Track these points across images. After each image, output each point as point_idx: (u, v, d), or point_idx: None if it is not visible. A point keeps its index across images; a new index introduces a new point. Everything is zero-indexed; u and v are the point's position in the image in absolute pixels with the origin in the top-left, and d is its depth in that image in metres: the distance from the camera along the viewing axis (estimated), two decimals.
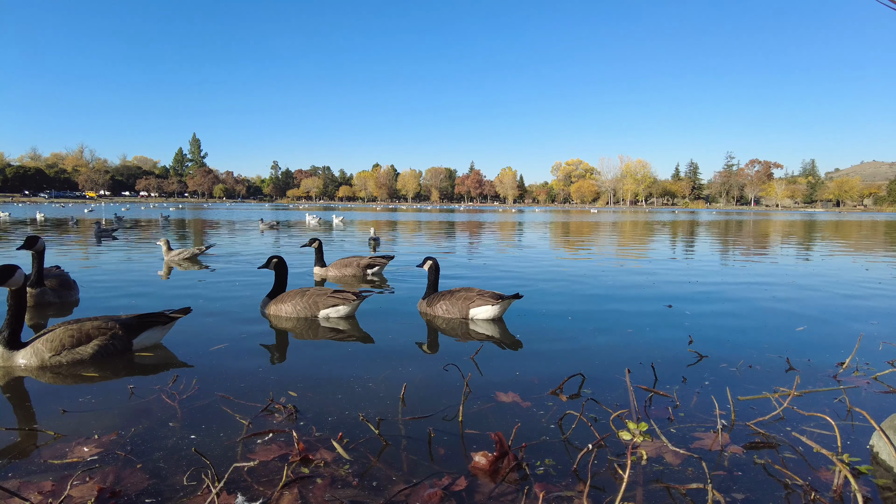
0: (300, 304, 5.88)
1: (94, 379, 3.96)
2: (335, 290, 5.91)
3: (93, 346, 4.29)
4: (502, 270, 10.60)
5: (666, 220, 45.67)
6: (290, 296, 5.98)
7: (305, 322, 5.73)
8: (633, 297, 7.66)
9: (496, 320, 5.86)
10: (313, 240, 9.61)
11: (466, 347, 4.92)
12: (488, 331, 5.52)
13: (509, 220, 41.02)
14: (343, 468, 2.65)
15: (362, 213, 62.71)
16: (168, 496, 2.40)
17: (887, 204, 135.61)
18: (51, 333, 4.23)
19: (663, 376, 4.07)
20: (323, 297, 5.85)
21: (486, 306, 5.77)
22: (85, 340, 4.27)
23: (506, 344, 5.05)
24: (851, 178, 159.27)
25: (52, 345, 4.16)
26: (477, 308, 5.81)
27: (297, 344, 5.04)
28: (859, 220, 52.20)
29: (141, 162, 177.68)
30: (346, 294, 5.82)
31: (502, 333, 5.43)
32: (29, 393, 3.70)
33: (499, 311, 5.81)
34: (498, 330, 5.57)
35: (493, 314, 5.81)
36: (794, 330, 5.73)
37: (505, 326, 5.71)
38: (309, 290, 5.97)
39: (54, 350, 4.15)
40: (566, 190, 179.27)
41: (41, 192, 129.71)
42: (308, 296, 5.90)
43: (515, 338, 5.26)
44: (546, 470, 2.66)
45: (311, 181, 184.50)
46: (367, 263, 9.32)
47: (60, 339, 4.20)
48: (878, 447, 2.86)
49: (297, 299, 5.91)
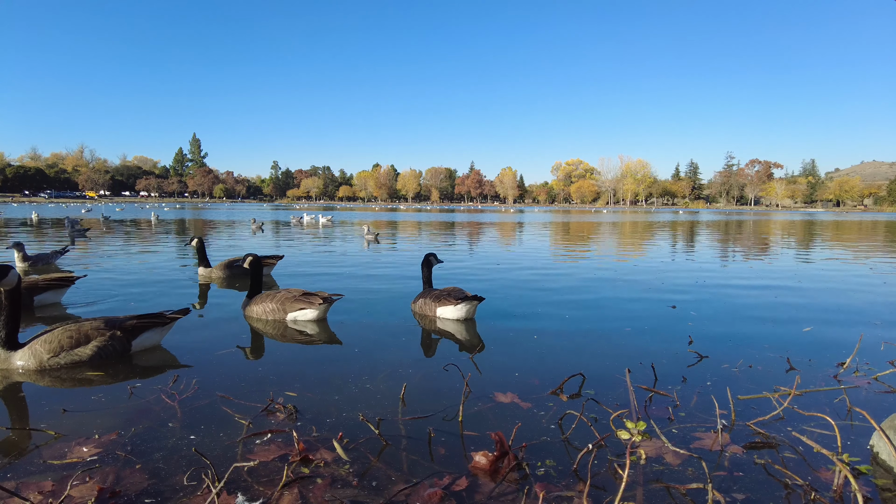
0: (269, 306, 5.87)
1: (95, 379, 3.96)
2: (305, 293, 5.85)
3: (91, 348, 4.26)
4: (502, 270, 10.60)
5: (668, 221, 45.66)
6: (263, 298, 5.96)
7: (275, 325, 5.69)
8: (634, 296, 7.65)
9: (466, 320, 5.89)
10: (194, 238, 9.17)
11: (466, 347, 4.92)
12: (488, 331, 5.52)
13: (509, 221, 41.02)
14: (343, 468, 2.65)
15: (362, 213, 62.72)
16: (168, 496, 2.40)
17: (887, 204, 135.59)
18: (49, 334, 4.20)
19: (663, 376, 4.06)
20: (291, 300, 5.80)
21: (450, 307, 5.87)
22: (84, 342, 4.25)
23: (505, 344, 5.05)
24: (851, 178, 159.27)
25: (50, 346, 4.13)
26: (442, 308, 5.92)
27: (297, 344, 5.04)
28: (860, 221, 52.20)
29: (141, 162, 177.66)
30: (313, 297, 5.76)
31: (502, 333, 5.43)
32: (29, 393, 3.70)
33: (463, 311, 5.86)
34: (498, 330, 5.57)
35: (458, 315, 5.89)
36: (794, 330, 5.72)
37: (506, 325, 5.71)
38: (280, 293, 5.93)
39: (53, 351, 4.13)
40: (566, 190, 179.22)
41: (41, 192, 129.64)
42: (278, 299, 5.87)
43: (515, 338, 5.26)
44: (546, 470, 2.66)
45: (311, 181, 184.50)
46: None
47: (59, 341, 4.17)
48: (878, 447, 2.86)
49: (268, 302, 5.89)
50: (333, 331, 5.48)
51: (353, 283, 8.74)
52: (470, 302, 5.79)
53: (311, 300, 5.74)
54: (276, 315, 5.83)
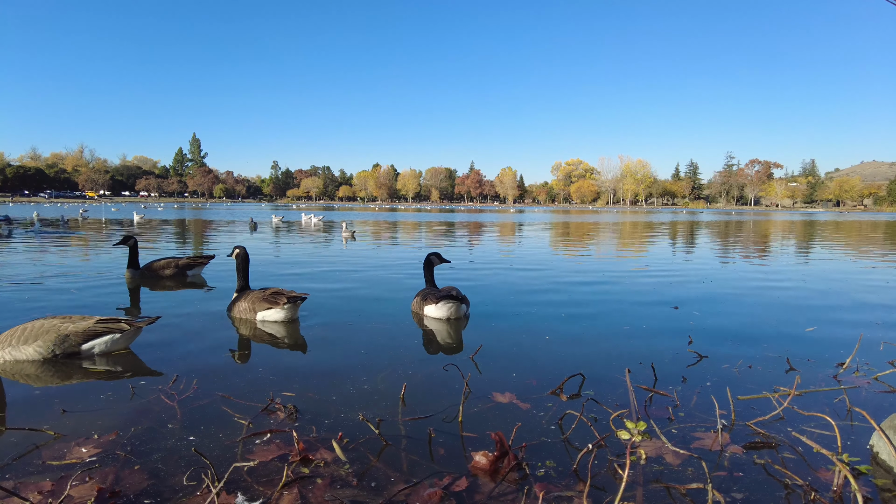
0: (243, 305, 5.86)
1: (94, 379, 3.96)
2: (272, 293, 5.79)
3: (34, 348, 4.18)
4: (502, 270, 10.60)
5: (668, 221, 45.66)
6: (243, 297, 5.95)
7: (248, 325, 5.66)
8: (633, 296, 7.65)
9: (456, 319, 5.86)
10: (128, 237, 8.83)
11: (466, 347, 4.92)
12: (488, 331, 5.52)
13: (510, 221, 41.01)
14: (343, 468, 2.65)
15: (361, 212, 62.70)
16: (168, 496, 2.40)
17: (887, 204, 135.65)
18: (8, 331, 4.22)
19: (663, 376, 4.06)
20: (259, 300, 5.77)
21: (432, 305, 5.86)
22: (32, 340, 4.19)
23: (505, 344, 5.05)
24: (851, 178, 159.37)
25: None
26: (428, 307, 5.92)
27: (297, 344, 5.03)
28: (860, 221, 52.21)
29: (141, 162, 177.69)
30: (279, 297, 5.69)
31: (502, 333, 5.43)
32: (28, 393, 3.70)
33: (444, 311, 5.81)
34: (498, 330, 5.57)
35: (440, 314, 5.85)
36: (794, 330, 5.72)
37: (505, 326, 5.71)
38: (254, 293, 5.90)
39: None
40: (566, 190, 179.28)
41: (41, 192, 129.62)
42: (250, 298, 5.85)
43: (515, 338, 5.25)
44: (546, 470, 2.66)
45: (311, 181, 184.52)
46: (186, 264, 8.88)
47: (9, 337, 4.17)
48: (878, 447, 2.86)
49: (243, 301, 5.89)
50: (327, 333, 5.48)
51: (352, 282, 8.74)
52: (452, 301, 5.73)
53: (278, 300, 5.69)
54: (247, 315, 5.82)
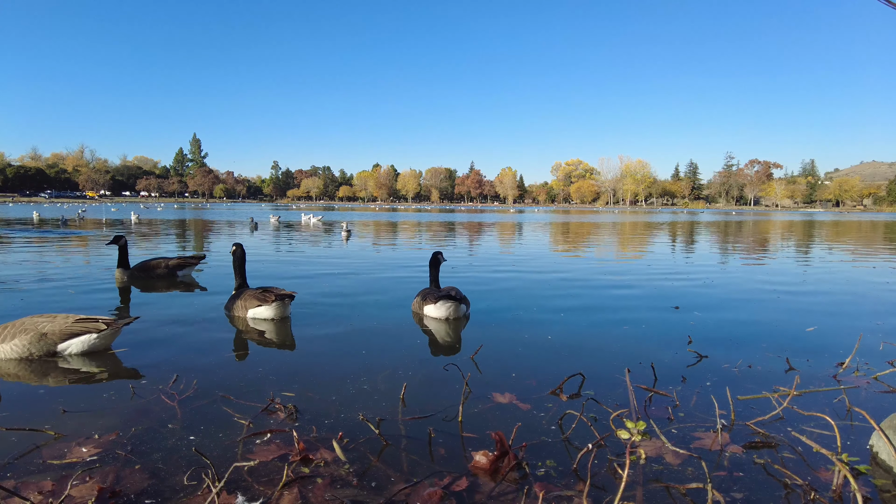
0: (238, 303, 5.87)
1: (94, 379, 3.96)
2: (263, 291, 5.76)
3: (12, 346, 4.22)
4: (502, 270, 10.60)
5: (669, 221, 45.66)
6: (238, 295, 5.96)
7: (244, 323, 5.66)
8: (633, 296, 7.65)
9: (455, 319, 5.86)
10: (118, 237, 8.53)
11: (466, 347, 4.92)
12: (488, 331, 5.52)
13: (509, 221, 41.01)
14: (343, 468, 2.65)
15: (361, 212, 62.71)
16: (168, 496, 2.40)
17: (887, 204, 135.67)
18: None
19: (663, 376, 4.07)
20: (250, 297, 5.76)
21: (431, 305, 5.86)
22: (10, 339, 4.23)
23: (505, 344, 5.05)
24: (851, 178, 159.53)
25: None
26: (427, 306, 5.92)
27: (297, 344, 5.04)
28: (859, 221, 52.21)
29: (141, 162, 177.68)
30: (268, 295, 5.68)
31: (502, 333, 5.43)
32: (29, 393, 3.70)
33: (443, 310, 5.80)
34: (498, 330, 5.57)
35: (438, 314, 5.83)
36: (794, 330, 5.73)
37: (506, 326, 5.71)
38: (248, 291, 5.90)
39: None
40: (566, 190, 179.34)
41: (41, 193, 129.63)
42: (244, 296, 5.86)
43: (515, 337, 5.26)
44: (546, 469, 2.66)
45: (311, 181, 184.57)
46: (177, 264, 8.75)
47: None
48: (877, 447, 2.86)
49: (238, 299, 5.90)
50: (327, 333, 5.48)
51: (352, 282, 8.74)
52: (451, 301, 5.72)
53: (267, 297, 5.68)
54: (241, 313, 5.82)
